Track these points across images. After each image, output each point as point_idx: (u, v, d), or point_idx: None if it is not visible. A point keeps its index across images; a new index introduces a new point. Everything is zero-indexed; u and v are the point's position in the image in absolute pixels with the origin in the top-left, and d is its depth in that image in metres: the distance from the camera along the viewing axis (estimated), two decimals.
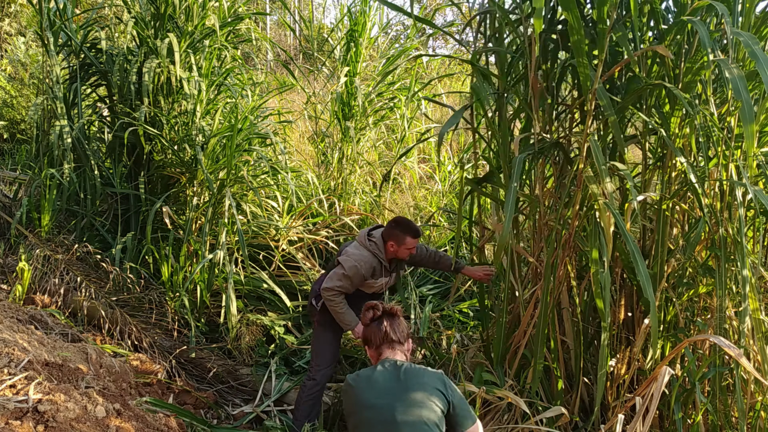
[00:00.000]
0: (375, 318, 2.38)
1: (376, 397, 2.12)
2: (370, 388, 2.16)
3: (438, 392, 2.16)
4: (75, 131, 4.84)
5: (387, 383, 2.16)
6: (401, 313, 2.43)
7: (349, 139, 6.17)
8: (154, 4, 5.07)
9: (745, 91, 2.05)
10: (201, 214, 4.93)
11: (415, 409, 2.07)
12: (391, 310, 2.39)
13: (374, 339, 2.34)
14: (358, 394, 2.17)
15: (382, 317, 2.36)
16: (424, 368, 2.24)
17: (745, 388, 2.78)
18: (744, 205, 2.65)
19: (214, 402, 3.71)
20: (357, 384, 2.21)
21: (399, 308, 2.42)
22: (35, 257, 4.20)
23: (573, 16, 2.40)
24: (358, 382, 2.22)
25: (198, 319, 4.47)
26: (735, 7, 2.49)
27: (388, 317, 2.36)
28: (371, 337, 2.36)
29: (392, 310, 2.39)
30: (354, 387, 2.21)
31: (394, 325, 2.34)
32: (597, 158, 2.55)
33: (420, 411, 2.07)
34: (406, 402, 2.08)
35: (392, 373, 2.19)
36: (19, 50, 8.81)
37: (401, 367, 2.22)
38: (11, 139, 8.15)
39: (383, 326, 2.32)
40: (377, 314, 2.38)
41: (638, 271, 2.41)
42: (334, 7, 23.28)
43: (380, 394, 2.13)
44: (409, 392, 2.11)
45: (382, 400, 2.10)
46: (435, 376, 2.21)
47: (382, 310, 2.38)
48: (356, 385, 2.21)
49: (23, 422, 2.10)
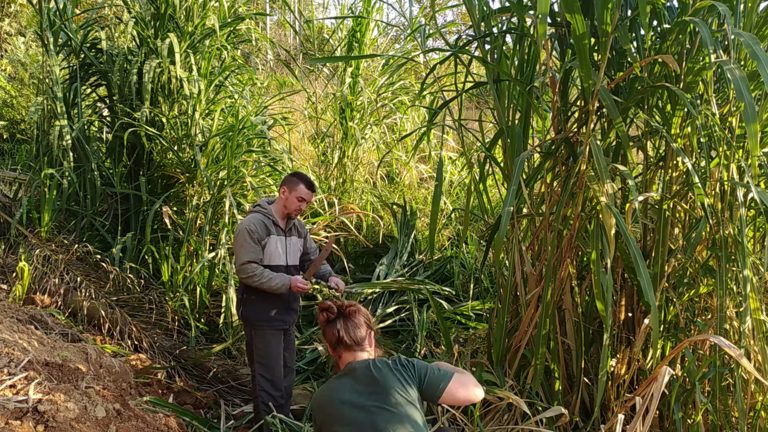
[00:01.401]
0: (329, 320, 2.21)
1: (351, 412, 1.99)
2: (342, 403, 2.03)
3: (407, 380, 2.07)
4: (75, 131, 4.84)
5: (360, 393, 2.03)
6: (358, 310, 2.25)
7: (352, 139, 6.18)
8: (154, 4, 5.07)
9: (748, 93, 2.06)
10: (201, 213, 4.93)
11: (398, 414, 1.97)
12: (345, 311, 2.21)
13: (330, 341, 2.21)
14: (330, 410, 2.05)
15: (335, 319, 2.20)
16: (386, 364, 2.12)
17: (746, 388, 2.78)
18: (745, 205, 2.65)
19: (214, 402, 3.70)
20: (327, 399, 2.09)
21: (355, 307, 2.24)
22: (35, 257, 4.20)
23: (576, 18, 2.39)
24: (325, 396, 2.11)
25: (198, 319, 4.47)
26: (737, 7, 2.49)
27: (342, 319, 2.19)
28: (328, 338, 2.22)
29: (347, 311, 2.21)
30: (322, 402, 2.10)
31: (348, 326, 2.17)
32: (598, 159, 2.55)
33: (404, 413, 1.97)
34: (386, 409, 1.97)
35: (363, 379, 2.07)
36: (19, 50, 8.81)
37: (368, 369, 2.09)
38: (11, 139, 8.14)
39: (336, 329, 2.17)
40: (331, 316, 2.21)
41: (639, 273, 2.41)
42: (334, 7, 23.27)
43: (355, 407, 2.00)
44: (387, 396, 2.00)
45: (359, 414, 1.98)
46: (399, 365, 2.12)
47: (337, 310, 2.23)
48: (327, 402, 2.08)
49: (23, 422, 2.09)
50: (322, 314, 2.24)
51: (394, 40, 9.27)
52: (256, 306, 3.25)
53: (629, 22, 2.81)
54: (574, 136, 2.96)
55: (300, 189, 3.27)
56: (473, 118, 7.32)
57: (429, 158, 7.84)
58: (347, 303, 2.26)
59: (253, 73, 6.19)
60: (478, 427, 2.84)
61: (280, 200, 3.34)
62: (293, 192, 3.27)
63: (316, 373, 4.15)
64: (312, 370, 4.16)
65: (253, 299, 3.26)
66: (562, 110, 3.04)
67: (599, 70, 2.55)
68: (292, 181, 3.30)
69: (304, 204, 3.31)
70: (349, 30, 6.49)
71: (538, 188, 3.47)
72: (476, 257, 5.63)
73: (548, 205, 3.09)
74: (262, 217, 3.27)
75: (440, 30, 3.96)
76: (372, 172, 7.14)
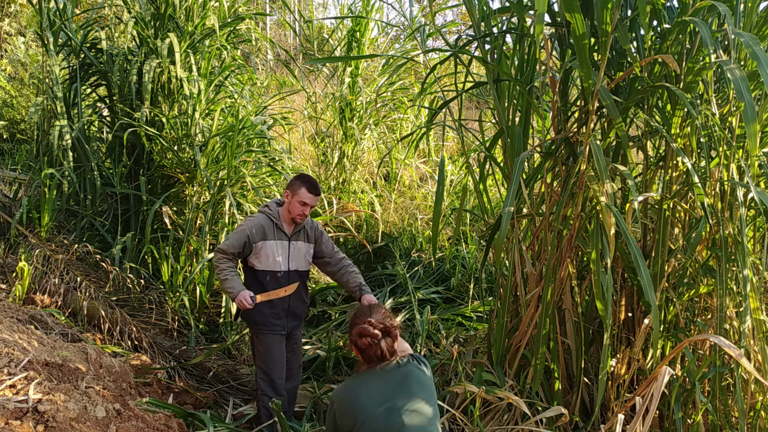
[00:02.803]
0: (373, 345, 2.15)
1: (376, 404, 2.06)
2: (365, 396, 2.09)
3: (433, 387, 2.19)
4: (75, 131, 4.84)
5: (385, 388, 2.11)
6: (397, 325, 2.23)
7: (352, 139, 6.18)
8: (154, 4, 5.07)
9: (748, 93, 2.06)
10: (201, 213, 4.93)
11: (421, 411, 2.05)
12: (387, 330, 2.17)
13: (370, 357, 2.17)
14: (353, 403, 2.10)
15: (379, 341, 2.14)
16: (420, 365, 2.21)
17: (746, 388, 2.78)
18: (745, 205, 2.65)
19: (214, 402, 3.70)
20: (348, 393, 2.14)
21: (392, 320, 2.21)
22: (35, 257, 4.20)
23: (575, 18, 2.40)
24: (349, 391, 2.15)
25: (198, 319, 4.47)
26: (737, 7, 2.49)
27: (385, 338, 2.16)
28: (367, 355, 2.18)
29: (390, 330, 2.18)
30: (345, 397, 2.14)
31: (390, 342, 2.16)
32: (598, 159, 2.55)
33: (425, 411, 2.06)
34: (409, 406, 2.05)
35: (389, 376, 2.14)
36: (19, 50, 8.81)
37: (396, 367, 2.17)
38: (11, 139, 8.15)
39: (381, 348, 2.14)
40: (375, 342, 2.14)
41: (640, 274, 2.41)
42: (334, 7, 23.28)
43: (380, 401, 2.07)
44: (412, 395, 2.08)
45: (383, 406, 2.04)
46: (429, 372, 2.23)
47: (381, 334, 2.15)
48: (348, 395, 2.13)
49: (23, 422, 2.09)
50: (365, 339, 2.15)
51: (394, 40, 9.27)
52: (256, 308, 3.16)
53: (629, 22, 2.81)
54: (574, 136, 2.96)
55: (302, 193, 3.15)
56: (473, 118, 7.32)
57: (429, 159, 7.85)
58: (387, 322, 2.18)
59: (253, 73, 6.19)
60: (477, 427, 2.84)
61: (285, 204, 3.25)
62: (295, 196, 3.17)
63: (316, 373, 4.15)
64: (312, 369, 4.16)
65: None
66: (562, 110, 3.04)
67: (599, 70, 2.55)
68: (295, 184, 3.19)
69: (307, 209, 3.19)
70: (349, 30, 6.49)
71: (538, 188, 3.47)
72: (476, 257, 5.63)
73: (548, 205, 3.09)
74: (265, 219, 3.21)
75: (440, 30, 3.96)
76: (372, 172, 7.14)
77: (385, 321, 2.19)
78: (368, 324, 2.15)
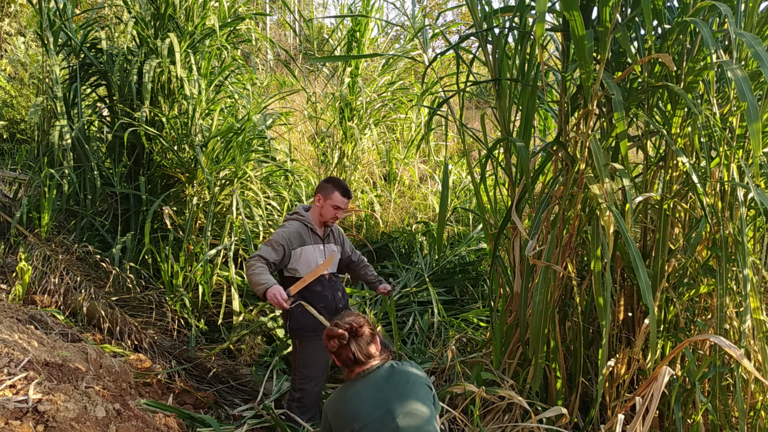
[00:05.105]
0: (342, 346, 2.18)
1: (370, 410, 2.03)
2: (358, 404, 2.07)
3: (425, 387, 2.16)
4: (75, 131, 4.84)
5: (376, 393, 2.08)
6: (364, 323, 2.22)
7: (352, 138, 6.18)
8: (154, 4, 5.07)
9: (750, 93, 2.06)
10: (201, 213, 4.93)
11: (415, 413, 2.04)
12: (355, 331, 2.18)
13: (345, 362, 2.19)
14: (347, 413, 2.07)
15: (348, 343, 2.16)
16: (408, 366, 2.20)
17: (746, 389, 2.77)
18: (745, 205, 2.65)
19: (214, 402, 3.70)
20: (341, 405, 2.12)
21: (360, 322, 2.21)
22: (35, 257, 4.20)
23: (575, 17, 2.39)
24: (341, 402, 2.13)
25: (198, 319, 4.47)
26: (738, 7, 2.49)
27: (354, 339, 2.17)
28: (342, 360, 2.21)
29: (357, 331, 2.18)
30: (339, 409, 2.12)
31: (361, 345, 2.17)
32: (597, 159, 2.55)
33: (420, 413, 2.05)
34: (403, 408, 2.03)
35: (378, 381, 2.12)
36: (19, 50, 8.81)
37: (384, 371, 2.15)
38: (11, 139, 8.15)
39: (351, 352, 2.16)
40: (344, 342, 2.17)
41: (639, 276, 2.40)
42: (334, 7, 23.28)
43: (373, 406, 2.04)
44: (404, 397, 2.06)
45: (378, 412, 2.02)
46: (419, 372, 2.20)
47: (348, 334, 2.16)
48: (341, 407, 2.11)
49: (23, 422, 2.09)
50: (333, 341, 2.18)
51: (394, 39, 9.28)
52: (306, 315, 3.01)
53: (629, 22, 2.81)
54: (574, 135, 2.96)
55: (335, 197, 3.15)
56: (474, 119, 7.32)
57: (429, 159, 7.85)
58: (354, 322, 2.20)
59: (253, 72, 6.19)
60: (478, 427, 2.84)
61: (315, 208, 3.23)
62: (328, 200, 3.16)
63: None
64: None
65: (300, 311, 3.07)
66: (565, 110, 3.04)
67: (599, 69, 2.54)
68: (327, 188, 3.18)
69: (340, 212, 3.19)
70: (349, 30, 6.48)
71: (538, 188, 3.47)
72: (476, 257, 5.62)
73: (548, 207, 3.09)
74: (300, 225, 3.18)
75: (441, 30, 3.95)
76: (372, 172, 7.14)
77: (352, 322, 2.19)
78: (334, 325, 2.20)
